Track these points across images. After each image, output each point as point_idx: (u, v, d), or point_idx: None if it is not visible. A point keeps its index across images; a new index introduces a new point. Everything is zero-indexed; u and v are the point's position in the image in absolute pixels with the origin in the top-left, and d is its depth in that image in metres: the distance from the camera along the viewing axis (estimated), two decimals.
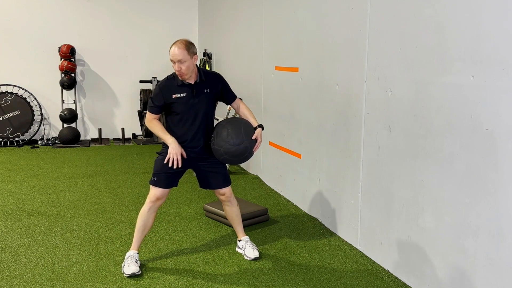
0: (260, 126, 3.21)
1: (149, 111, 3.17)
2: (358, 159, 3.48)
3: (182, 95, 3.10)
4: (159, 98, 3.12)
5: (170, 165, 3.03)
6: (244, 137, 3.09)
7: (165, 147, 3.20)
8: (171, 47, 3.03)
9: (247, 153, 3.12)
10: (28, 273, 3.10)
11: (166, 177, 3.15)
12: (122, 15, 8.21)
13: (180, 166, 3.04)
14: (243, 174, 5.84)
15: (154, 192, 3.16)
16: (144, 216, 3.18)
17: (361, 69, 3.40)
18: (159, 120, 3.21)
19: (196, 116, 3.14)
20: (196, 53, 3.08)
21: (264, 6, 5.20)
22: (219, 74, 3.32)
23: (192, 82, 3.13)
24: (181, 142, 3.14)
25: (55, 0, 7.84)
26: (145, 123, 3.18)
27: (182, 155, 3.07)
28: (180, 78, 3.09)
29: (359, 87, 3.44)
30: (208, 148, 3.19)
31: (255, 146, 3.15)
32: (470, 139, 2.45)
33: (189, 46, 3.05)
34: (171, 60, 3.03)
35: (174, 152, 3.03)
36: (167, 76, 3.18)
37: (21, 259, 3.32)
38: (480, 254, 2.43)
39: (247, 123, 3.21)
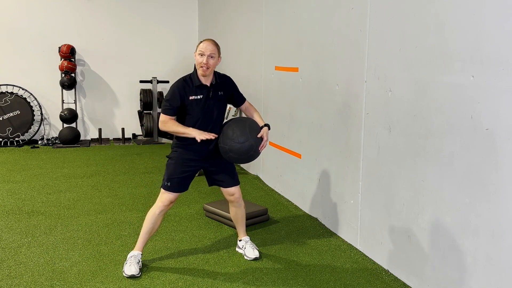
0: (267, 125, 3.21)
1: (164, 113, 3.10)
2: (358, 159, 3.48)
3: (199, 97, 3.09)
4: (176, 99, 3.08)
5: (207, 137, 2.99)
6: (249, 135, 3.08)
7: (175, 150, 3.19)
8: (202, 42, 3.09)
9: (252, 151, 3.11)
10: (28, 273, 3.10)
11: (179, 181, 3.15)
12: (122, 15, 8.21)
13: (213, 137, 3.02)
14: (243, 174, 5.84)
15: (167, 196, 3.14)
16: (154, 218, 3.16)
17: (361, 69, 3.40)
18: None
19: (210, 118, 3.14)
20: (221, 56, 3.13)
21: (264, 7, 5.20)
22: (230, 77, 3.34)
23: (208, 84, 3.13)
24: (193, 143, 3.11)
25: (55, 0, 7.84)
26: (159, 125, 3.12)
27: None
28: (201, 74, 3.08)
29: (359, 87, 3.44)
30: (217, 149, 3.19)
31: (261, 145, 3.14)
32: (470, 139, 2.45)
33: (219, 46, 3.15)
34: (201, 53, 3.04)
35: (199, 134, 3.00)
36: (183, 77, 3.15)
37: (21, 259, 3.32)
38: (480, 254, 2.43)
39: (253, 122, 3.20)
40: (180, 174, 3.15)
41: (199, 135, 3.00)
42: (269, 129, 3.21)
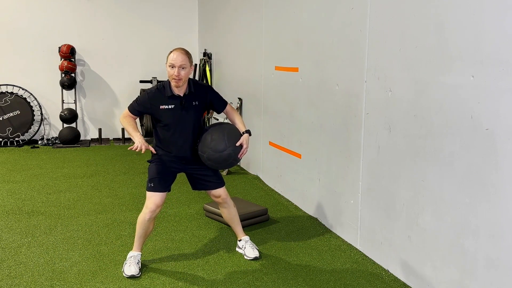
0: (247, 131, 3.20)
1: (128, 109, 3.17)
2: (358, 159, 3.48)
3: (170, 106, 3.09)
4: (144, 105, 3.12)
5: (135, 148, 2.96)
6: (228, 143, 3.07)
7: (154, 154, 3.22)
8: (171, 53, 3.04)
9: (231, 160, 3.11)
10: (28, 273, 3.10)
11: (161, 180, 3.15)
12: (122, 15, 8.20)
13: (143, 151, 2.99)
14: (243, 174, 5.84)
15: (153, 199, 3.12)
16: (144, 224, 3.15)
17: (361, 69, 3.40)
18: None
19: (184, 128, 3.13)
20: (193, 64, 3.08)
21: (264, 7, 5.20)
22: (208, 86, 3.34)
23: (182, 94, 3.12)
24: (169, 151, 3.17)
25: (55, 0, 7.84)
26: (120, 117, 3.18)
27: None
28: (174, 86, 3.07)
29: (359, 87, 3.44)
30: (197, 154, 3.19)
31: (241, 153, 3.13)
32: (470, 139, 2.45)
33: (190, 54, 3.09)
34: (171, 65, 3.01)
35: (141, 143, 2.97)
36: (157, 85, 3.16)
37: (21, 259, 3.32)
38: (480, 254, 2.43)
39: (232, 129, 3.18)
40: (161, 174, 3.15)
41: (139, 144, 2.96)
42: (250, 135, 3.19)
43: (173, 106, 3.09)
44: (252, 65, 5.68)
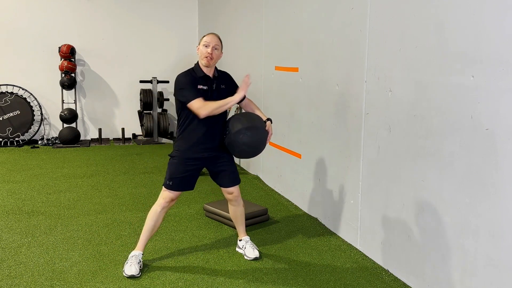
0: (269, 119, 3.24)
1: (193, 99, 2.97)
2: (358, 159, 3.48)
3: (204, 87, 3.11)
4: (192, 84, 3.05)
5: (247, 87, 3.03)
6: (258, 128, 3.12)
7: (177, 150, 3.19)
8: (205, 36, 3.19)
9: (261, 144, 3.16)
10: (28, 273, 3.10)
11: (181, 180, 3.15)
12: (122, 15, 8.21)
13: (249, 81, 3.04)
14: (243, 174, 5.84)
15: (169, 194, 3.16)
16: (156, 216, 3.17)
17: (361, 69, 3.40)
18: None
19: None
20: (222, 51, 3.24)
21: (264, 7, 5.20)
22: (229, 73, 3.37)
23: (211, 76, 3.16)
24: (197, 141, 3.12)
25: (55, 0, 7.84)
26: (201, 112, 2.96)
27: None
28: (205, 65, 3.10)
29: (359, 87, 3.44)
30: (222, 145, 3.20)
31: (268, 138, 3.19)
32: (470, 139, 2.45)
33: (222, 41, 3.24)
34: (206, 45, 3.11)
35: (242, 91, 3.03)
36: (184, 71, 3.15)
37: (21, 259, 3.32)
38: (480, 254, 2.43)
39: (257, 116, 3.24)
40: (182, 173, 3.15)
41: (241, 93, 3.03)
42: (271, 123, 3.25)
43: (206, 87, 3.12)
44: (252, 65, 5.68)
